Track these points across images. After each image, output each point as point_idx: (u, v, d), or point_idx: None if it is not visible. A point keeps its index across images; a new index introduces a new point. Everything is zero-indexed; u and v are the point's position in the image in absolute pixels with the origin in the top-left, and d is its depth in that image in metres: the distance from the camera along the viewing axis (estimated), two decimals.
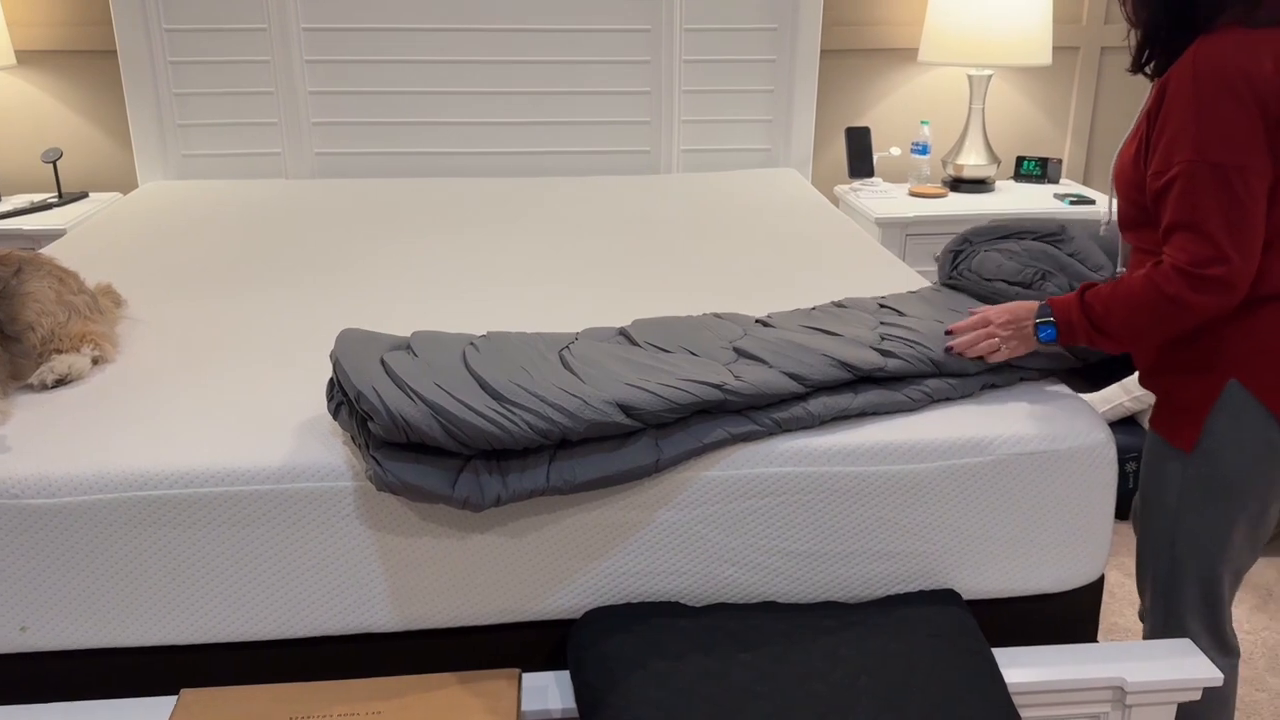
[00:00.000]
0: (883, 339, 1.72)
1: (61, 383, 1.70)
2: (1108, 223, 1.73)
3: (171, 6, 3.14)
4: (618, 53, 3.32)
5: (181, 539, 1.45)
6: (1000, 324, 1.66)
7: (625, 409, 1.48)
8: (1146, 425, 2.88)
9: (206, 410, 1.61)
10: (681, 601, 1.55)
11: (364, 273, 2.30)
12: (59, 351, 1.74)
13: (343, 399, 1.52)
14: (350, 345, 1.55)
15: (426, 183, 3.21)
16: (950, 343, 1.69)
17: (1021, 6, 3.20)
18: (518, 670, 1.46)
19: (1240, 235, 1.44)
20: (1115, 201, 1.67)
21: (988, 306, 1.74)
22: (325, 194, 3.06)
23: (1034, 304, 1.64)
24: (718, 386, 1.54)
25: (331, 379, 1.57)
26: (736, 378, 1.57)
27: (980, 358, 1.69)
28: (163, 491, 1.43)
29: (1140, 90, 3.71)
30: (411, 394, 1.43)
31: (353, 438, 1.48)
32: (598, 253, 2.46)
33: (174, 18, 3.16)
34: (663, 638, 1.45)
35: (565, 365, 1.59)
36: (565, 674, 1.52)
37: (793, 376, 1.60)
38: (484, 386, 1.48)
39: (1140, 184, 1.56)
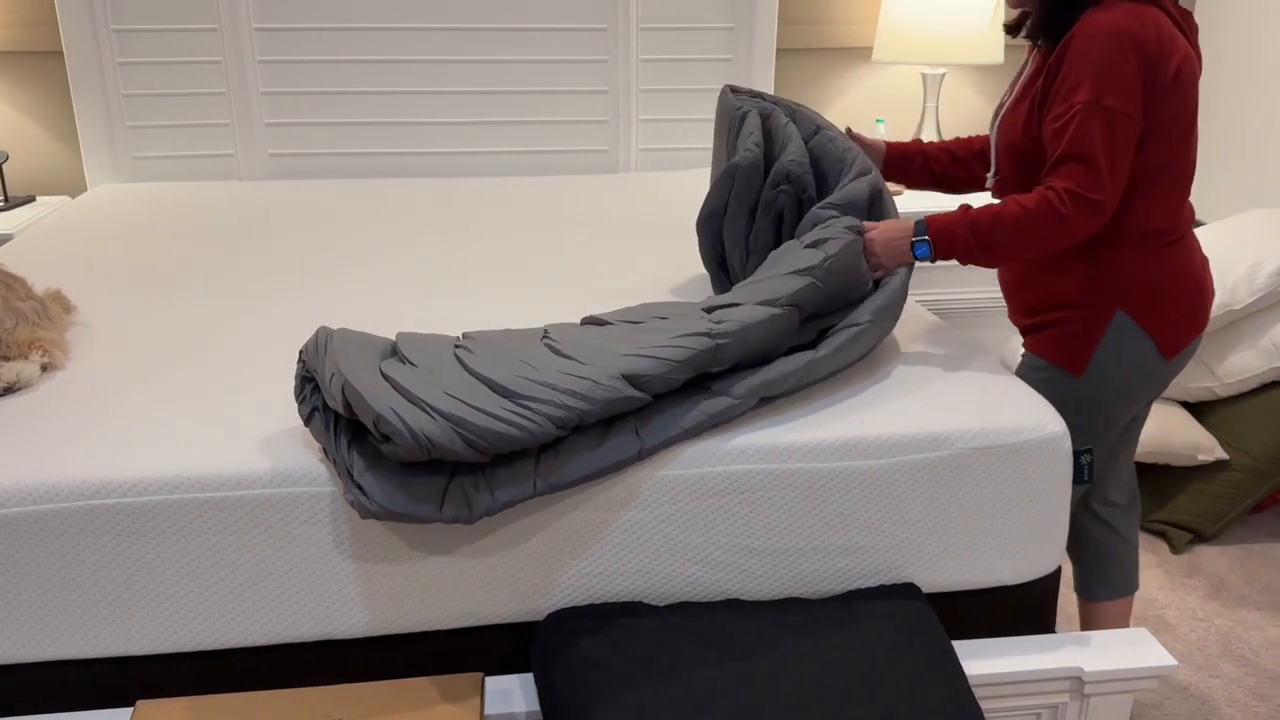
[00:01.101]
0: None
1: (10, 391, 1.67)
2: (993, 176, 1.93)
3: (119, 6, 3.09)
4: (575, 52, 3.32)
5: (135, 547, 1.43)
6: (878, 245, 1.76)
7: (631, 380, 1.49)
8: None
9: (158, 417, 1.58)
10: (645, 601, 1.55)
11: (319, 275, 2.28)
12: (6, 359, 1.71)
13: (317, 405, 1.49)
14: (349, 355, 1.48)
15: (382, 184, 3.19)
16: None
17: (973, 5, 3.24)
18: (481, 674, 1.45)
19: (1116, 173, 1.66)
20: (995, 161, 1.88)
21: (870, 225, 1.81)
22: (279, 196, 3.03)
23: (908, 223, 1.75)
24: (706, 334, 1.56)
25: (301, 377, 1.53)
26: (718, 323, 1.59)
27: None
28: (115, 500, 1.41)
29: None
30: (429, 409, 1.39)
31: (326, 451, 1.46)
32: (557, 252, 2.46)
33: (122, 18, 3.11)
34: (626, 638, 1.45)
35: (556, 352, 1.58)
36: (529, 677, 1.51)
37: (765, 303, 1.63)
38: (493, 387, 1.46)
39: (1036, 136, 1.76)
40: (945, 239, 1.72)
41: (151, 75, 3.17)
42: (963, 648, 1.59)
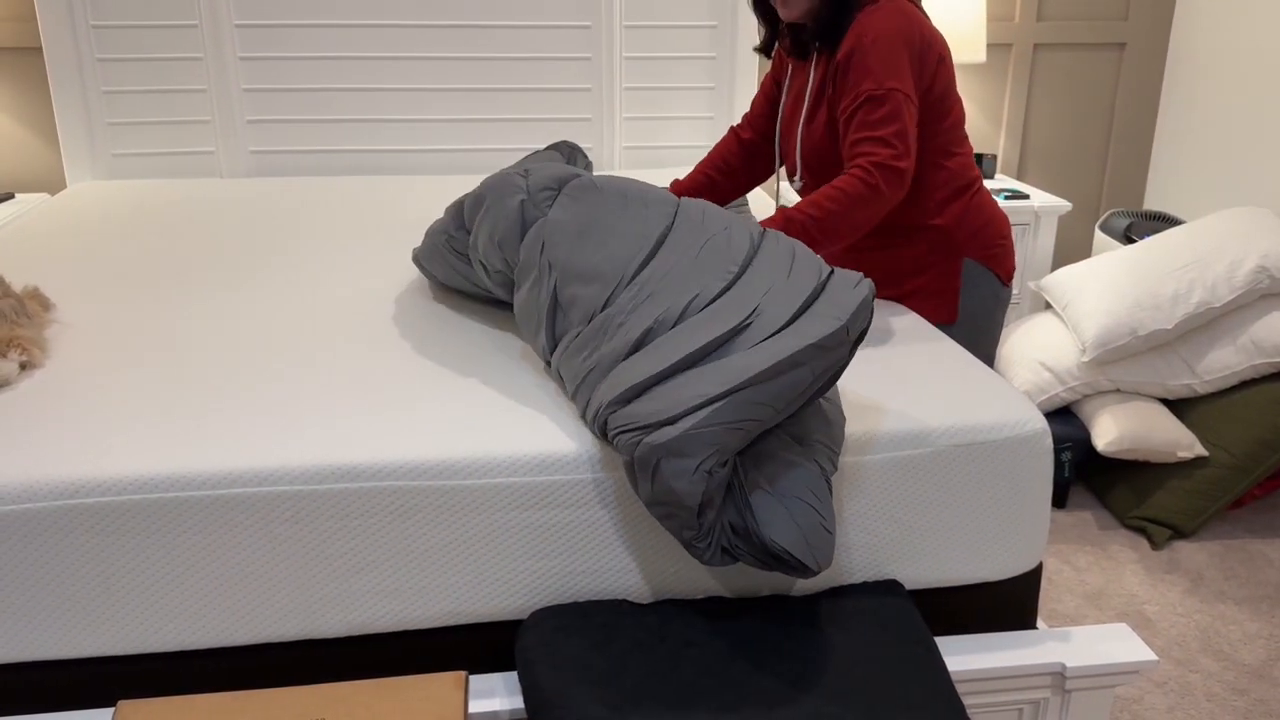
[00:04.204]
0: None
1: None
2: (799, 180, 2.15)
3: (99, 2, 3.07)
4: (558, 49, 3.32)
5: (115, 547, 1.42)
6: None
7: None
8: (1081, 415, 2.96)
9: (138, 416, 1.57)
10: (628, 599, 1.56)
11: (300, 273, 2.27)
12: None
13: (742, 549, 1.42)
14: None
15: (364, 181, 3.18)
16: None
17: (956, 5, 3.25)
18: (464, 672, 1.44)
19: (908, 142, 1.86)
20: (800, 168, 2.10)
21: None
22: (261, 193, 3.01)
23: None
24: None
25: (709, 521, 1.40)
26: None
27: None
28: (95, 499, 1.40)
29: (1074, 83, 3.79)
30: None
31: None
32: None
33: (101, 14, 3.09)
34: (609, 636, 1.45)
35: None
36: (513, 675, 1.51)
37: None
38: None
39: (838, 138, 1.97)
40: None
41: (132, 72, 3.15)
42: (945, 644, 1.60)
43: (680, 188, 2.29)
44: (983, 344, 2.17)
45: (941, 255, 2.08)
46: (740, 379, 1.35)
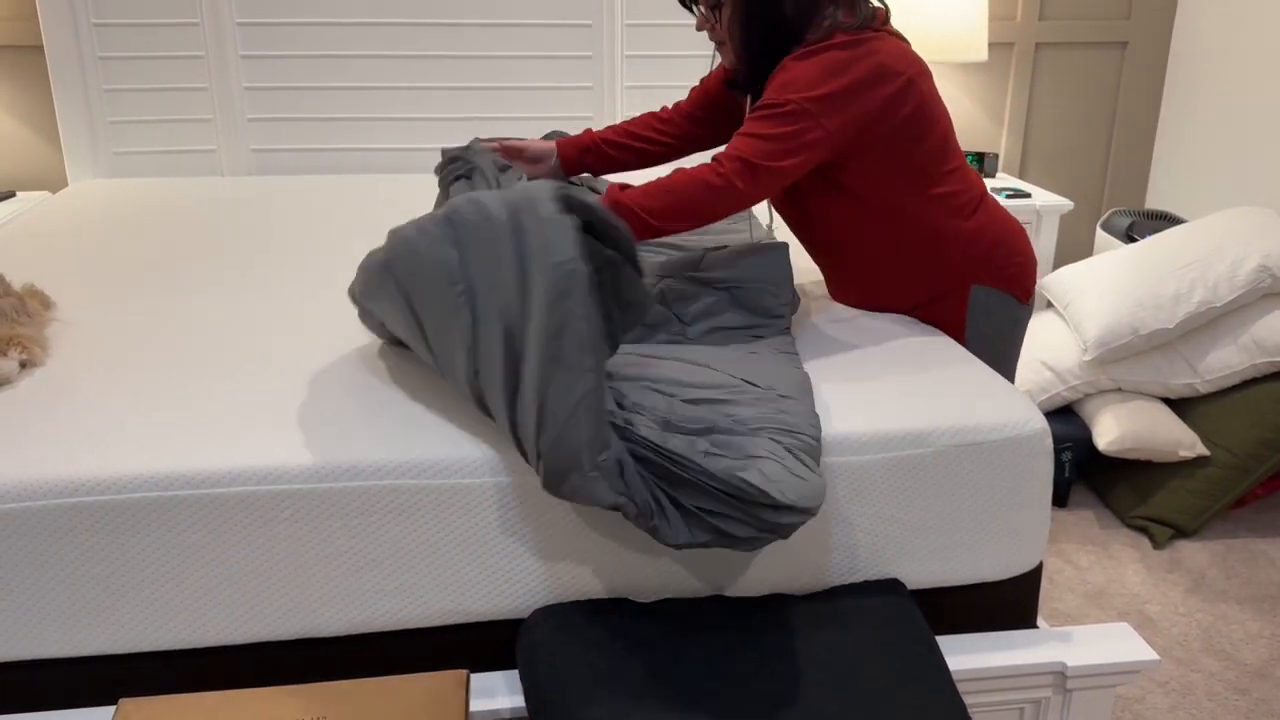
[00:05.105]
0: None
1: None
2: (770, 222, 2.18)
3: (100, 1, 3.07)
4: (559, 48, 3.31)
5: (115, 545, 1.42)
6: None
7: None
8: (1083, 415, 2.96)
9: (138, 414, 1.57)
10: (629, 598, 1.55)
11: (301, 271, 2.27)
12: None
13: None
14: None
15: (366, 179, 3.18)
16: None
17: (957, 3, 3.24)
18: (465, 671, 1.44)
19: (787, 149, 1.70)
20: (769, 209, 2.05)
21: None
22: (262, 192, 3.01)
23: None
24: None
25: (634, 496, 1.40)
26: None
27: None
28: (95, 498, 1.40)
29: (1076, 82, 3.79)
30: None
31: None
32: None
33: (103, 12, 3.08)
34: (611, 635, 1.45)
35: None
36: (514, 673, 1.51)
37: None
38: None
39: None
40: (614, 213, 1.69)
41: (133, 70, 3.15)
42: (946, 643, 1.60)
43: (572, 144, 2.08)
44: (1003, 367, 2.01)
45: (947, 283, 1.92)
46: (540, 384, 1.36)
